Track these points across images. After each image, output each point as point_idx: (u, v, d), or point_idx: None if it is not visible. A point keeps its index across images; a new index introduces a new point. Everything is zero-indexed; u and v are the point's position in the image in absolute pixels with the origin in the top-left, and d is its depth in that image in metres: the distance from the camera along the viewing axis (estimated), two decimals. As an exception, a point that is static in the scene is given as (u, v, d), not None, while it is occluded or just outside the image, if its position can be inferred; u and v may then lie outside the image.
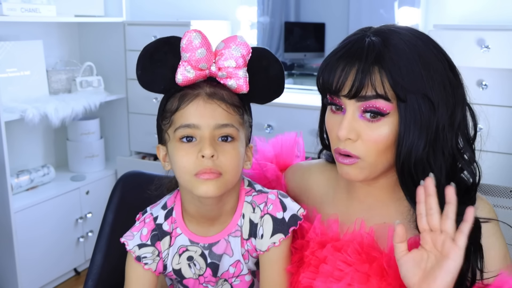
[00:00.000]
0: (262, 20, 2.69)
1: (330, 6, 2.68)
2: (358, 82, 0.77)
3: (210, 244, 0.90)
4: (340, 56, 0.80)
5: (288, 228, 0.88)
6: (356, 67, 0.77)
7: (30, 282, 2.18)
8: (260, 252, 0.89)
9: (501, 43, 1.73)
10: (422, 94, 0.77)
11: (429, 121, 0.78)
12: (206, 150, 0.80)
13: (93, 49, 2.68)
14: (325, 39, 2.74)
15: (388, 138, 0.79)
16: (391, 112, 0.78)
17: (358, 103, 0.78)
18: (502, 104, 1.83)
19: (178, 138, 0.82)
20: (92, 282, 1.09)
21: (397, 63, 0.76)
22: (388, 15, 2.41)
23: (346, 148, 0.81)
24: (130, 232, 0.91)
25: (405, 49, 0.77)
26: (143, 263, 0.89)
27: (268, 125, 2.22)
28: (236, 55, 0.84)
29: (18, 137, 2.40)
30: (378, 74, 0.76)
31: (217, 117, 0.82)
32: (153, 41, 0.86)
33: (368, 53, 0.77)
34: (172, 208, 0.92)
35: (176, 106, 0.83)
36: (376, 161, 0.81)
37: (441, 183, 0.78)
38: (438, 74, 0.78)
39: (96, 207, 2.48)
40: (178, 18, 2.65)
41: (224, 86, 0.85)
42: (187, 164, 0.81)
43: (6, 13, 2.01)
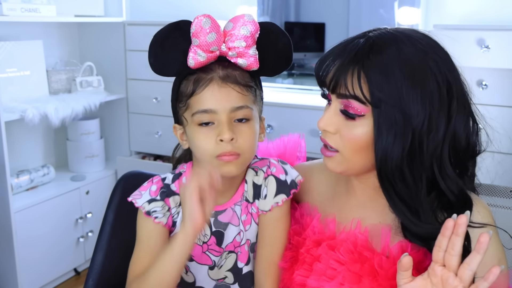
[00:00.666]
0: (262, 20, 2.69)
1: (330, 6, 2.68)
2: (336, 78, 0.80)
3: (216, 212, 0.93)
4: (331, 51, 0.83)
5: (290, 190, 0.93)
6: (338, 62, 0.80)
7: (30, 282, 2.18)
8: (263, 212, 0.93)
9: (501, 43, 1.73)
10: (397, 104, 0.76)
11: (403, 130, 0.77)
12: (225, 135, 0.84)
13: (93, 49, 2.68)
14: (325, 39, 2.74)
15: (362, 139, 0.80)
16: (367, 115, 0.79)
17: (339, 99, 0.81)
18: (502, 104, 1.83)
19: (196, 123, 0.86)
20: (93, 281, 1.09)
21: (377, 70, 0.76)
22: (388, 15, 2.42)
23: (326, 138, 0.84)
24: (138, 191, 0.93)
25: (392, 58, 0.77)
26: (153, 217, 0.90)
27: (268, 125, 2.22)
28: (245, 34, 0.86)
29: (18, 137, 2.40)
30: (356, 75, 0.78)
31: (232, 100, 0.86)
32: (163, 28, 0.88)
33: (350, 52, 0.79)
34: (181, 173, 0.95)
35: (192, 90, 0.86)
36: (352, 157, 0.83)
37: (422, 193, 0.79)
38: (425, 89, 0.77)
39: (96, 207, 2.48)
40: (178, 18, 2.64)
41: (235, 65, 0.88)
42: (208, 147, 0.86)
43: (6, 13, 2.01)
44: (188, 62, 0.87)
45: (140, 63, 2.52)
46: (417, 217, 0.80)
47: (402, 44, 0.78)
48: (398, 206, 0.81)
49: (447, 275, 0.70)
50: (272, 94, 2.47)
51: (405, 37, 0.80)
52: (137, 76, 2.57)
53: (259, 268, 0.94)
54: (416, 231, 0.80)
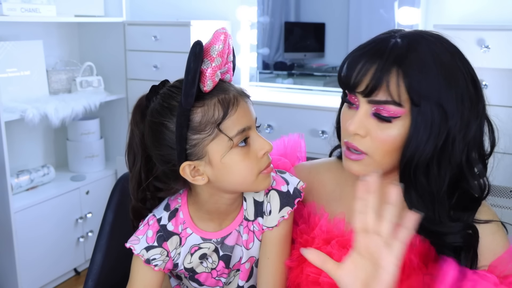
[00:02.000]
0: (262, 20, 2.69)
1: (330, 6, 2.68)
2: (374, 82, 0.77)
3: (222, 238, 0.91)
4: (362, 52, 0.81)
5: (294, 200, 0.90)
6: (376, 65, 0.78)
7: (30, 282, 2.19)
8: (269, 228, 0.90)
9: (501, 43, 1.73)
10: (437, 102, 0.77)
11: (439, 129, 0.78)
12: (268, 146, 0.82)
13: (93, 49, 2.68)
14: (325, 39, 2.73)
15: (396, 140, 0.79)
16: (402, 116, 0.78)
17: (371, 104, 0.79)
18: (502, 104, 1.83)
19: (235, 145, 0.80)
20: (92, 281, 1.09)
21: (417, 68, 0.76)
22: (388, 15, 2.41)
23: (354, 143, 0.82)
24: (135, 236, 0.89)
25: (428, 56, 0.78)
26: (153, 265, 0.88)
27: (268, 125, 2.22)
28: (231, 47, 0.84)
29: (18, 137, 2.40)
30: (395, 76, 0.76)
31: (253, 112, 0.84)
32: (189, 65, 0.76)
33: (390, 52, 0.78)
34: (177, 209, 0.90)
35: (222, 114, 0.78)
36: (382, 160, 0.81)
37: (443, 190, 0.80)
38: (458, 87, 0.78)
39: (96, 207, 2.48)
40: (178, 18, 2.65)
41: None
42: (253, 166, 0.81)
43: (6, 13, 2.01)
44: (205, 86, 0.78)
45: (140, 63, 2.53)
46: (432, 214, 0.81)
47: (432, 44, 0.80)
48: (413, 202, 0.81)
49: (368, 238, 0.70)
50: (272, 94, 2.47)
51: (431, 37, 0.81)
52: (137, 76, 2.57)
53: (263, 282, 0.91)
54: (429, 228, 0.81)
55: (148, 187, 0.89)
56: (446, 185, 0.80)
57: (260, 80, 2.69)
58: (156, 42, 2.45)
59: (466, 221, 0.82)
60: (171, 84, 0.84)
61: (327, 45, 2.74)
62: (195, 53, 0.75)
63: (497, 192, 1.16)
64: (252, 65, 2.65)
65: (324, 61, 2.76)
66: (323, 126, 2.10)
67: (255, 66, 2.67)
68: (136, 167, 0.88)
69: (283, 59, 2.80)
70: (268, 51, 2.76)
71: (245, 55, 2.59)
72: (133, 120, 0.87)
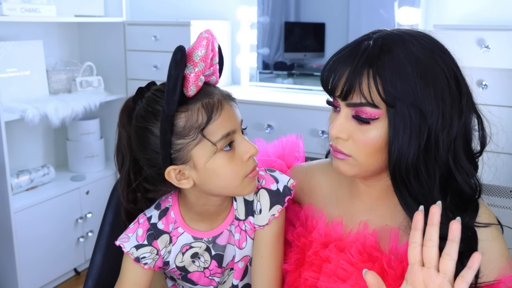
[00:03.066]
0: (262, 20, 2.69)
1: (330, 6, 2.68)
2: (348, 85, 0.78)
3: (214, 237, 0.91)
4: (339, 56, 0.81)
5: (284, 198, 0.90)
6: (349, 68, 0.78)
7: (30, 282, 2.19)
8: (260, 227, 0.90)
9: (501, 43, 1.73)
10: (412, 103, 0.76)
11: (419, 129, 0.77)
12: (253, 149, 0.82)
13: (93, 49, 2.68)
14: (325, 39, 2.73)
15: (377, 141, 0.79)
16: (380, 117, 0.78)
17: (349, 107, 0.80)
18: (502, 104, 1.83)
19: (220, 149, 0.79)
20: (92, 281, 1.09)
21: (389, 69, 0.76)
22: (388, 15, 2.41)
23: (337, 145, 0.82)
24: (125, 234, 0.89)
25: (402, 55, 0.77)
26: (142, 264, 0.88)
27: (268, 125, 2.22)
28: (216, 50, 0.83)
29: (18, 137, 2.40)
30: (367, 78, 0.76)
31: (238, 115, 0.83)
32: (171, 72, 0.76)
33: (362, 55, 0.77)
34: (168, 208, 0.91)
35: (206, 118, 0.78)
36: (366, 161, 0.81)
37: (435, 190, 0.79)
38: (437, 85, 0.77)
39: (96, 207, 2.48)
40: (178, 18, 2.65)
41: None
42: (238, 170, 0.81)
43: (6, 13, 2.02)
44: (188, 90, 0.77)
45: (140, 63, 2.53)
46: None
47: (409, 43, 0.79)
48: (410, 205, 0.80)
49: (429, 272, 0.67)
50: (272, 94, 2.47)
51: (410, 36, 0.80)
52: (137, 76, 2.57)
53: (258, 281, 0.91)
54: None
55: (138, 188, 0.89)
56: (437, 185, 0.79)
57: (260, 80, 2.69)
58: (156, 42, 2.45)
59: (465, 223, 0.79)
60: (156, 87, 0.84)
61: (327, 45, 2.74)
62: (176, 60, 0.75)
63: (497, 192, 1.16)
64: (252, 65, 2.65)
65: (324, 61, 2.76)
66: (323, 126, 2.10)
67: (255, 66, 2.67)
68: (125, 169, 0.88)
69: (283, 59, 2.80)
70: (268, 51, 2.76)
71: (245, 55, 2.59)
72: (120, 122, 0.87)
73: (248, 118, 2.19)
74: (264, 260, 0.90)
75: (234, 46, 2.64)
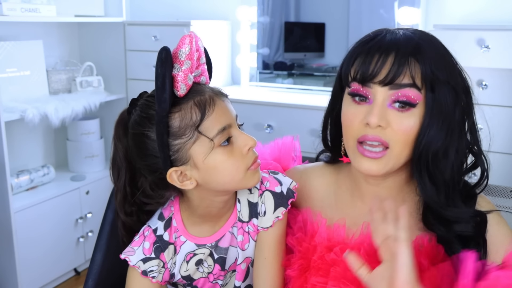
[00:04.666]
0: (262, 20, 2.69)
1: (330, 6, 2.68)
2: (396, 68, 0.78)
3: (216, 241, 0.90)
4: (372, 46, 0.81)
5: (288, 200, 0.90)
6: (393, 55, 0.79)
7: (30, 282, 2.19)
8: (264, 229, 0.90)
9: (501, 43, 1.73)
10: (450, 85, 0.80)
11: (452, 113, 0.80)
12: (252, 142, 0.82)
13: (93, 49, 2.68)
14: (325, 39, 2.73)
15: (414, 130, 0.80)
16: (419, 103, 0.79)
17: (391, 91, 0.79)
18: (502, 104, 1.83)
19: (218, 145, 0.80)
20: (92, 281, 1.09)
21: (432, 55, 0.79)
22: (388, 15, 2.41)
23: (376, 134, 0.80)
24: (131, 247, 0.88)
25: (436, 46, 0.82)
26: (150, 277, 0.87)
27: (268, 125, 2.22)
28: (201, 50, 0.83)
29: (18, 137, 2.40)
30: (414, 64, 0.79)
31: (233, 110, 0.84)
32: (157, 71, 0.77)
33: (406, 44, 0.80)
34: (170, 218, 0.90)
35: (200, 116, 0.78)
36: (401, 152, 0.81)
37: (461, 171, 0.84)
38: (457, 72, 0.83)
39: (96, 207, 2.48)
40: (178, 18, 2.65)
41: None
42: (240, 163, 0.81)
43: (6, 13, 2.02)
44: (179, 90, 0.78)
45: (140, 63, 2.52)
46: (446, 200, 0.82)
47: (430, 36, 0.84)
48: (428, 189, 0.82)
49: (389, 243, 0.73)
50: (272, 94, 2.47)
51: (425, 33, 0.86)
52: (137, 76, 2.57)
53: (261, 282, 0.91)
54: (442, 214, 0.82)
55: (135, 202, 0.90)
56: (456, 173, 0.82)
57: (260, 80, 2.69)
58: (156, 42, 2.44)
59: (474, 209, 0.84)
60: (148, 94, 0.85)
61: (327, 45, 2.74)
62: (161, 58, 0.76)
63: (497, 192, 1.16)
64: (252, 65, 2.65)
65: (324, 61, 2.76)
66: (323, 126, 2.10)
67: (255, 66, 2.67)
68: (121, 181, 0.90)
69: (283, 59, 2.80)
70: (268, 51, 2.76)
71: (245, 55, 2.59)
72: (115, 135, 0.88)
73: (248, 118, 2.19)
74: (267, 261, 0.90)
75: (234, 46, 2.64)
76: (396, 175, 0.86)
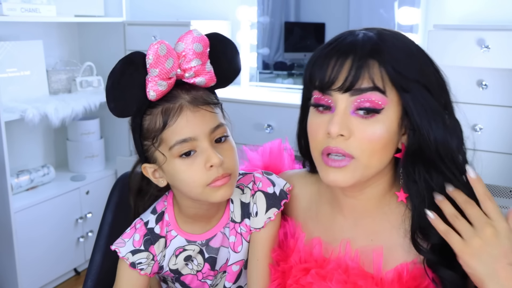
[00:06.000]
0: (262, 20, 2.69)
1: (330, 6, 2.68)
2: (354, 73, 0.73)
3: (207, 240, 0.91)
4: (330, 50, 0.77)
5: (280, 201, 0.90)
6: (351, 59, 0.74)
7: (30, 282, 2.18)
8: (256, 230, 0.90)
9: (501, 43, 1.73)
10: (422, 84, 0.75)
11: (436, 107, 0.76)
12: (214, 159, 0.79)
13: (93, 49, 2.68)
14: (325, 39, 2.73)
15: (383, 137, 0.75)
16: (386, 108, 0.74)
17: (352, 97, 0.74)
18: (502, 104, 1.82)
19: (176, 156, 0.80)
20: (92, 282, 1.09)
21: (395, 56, 0.74)
22: (388, 15, 2.41)
23: (338, 145, 0.75)
24: (121, 239, 0.89)
25: (399, 44, 0.76)
26: (138, 269, 0.88)
27: (268, 125, 2.21)
28: (199, 51, 0.82)
29: (18, 137, 2.40)
30: (375, 67, 0.74)
31: (208, 122, 0.81)
32: (116, 66, 0.79)
33: (364, 45, 0.75)
34: (163, 212, 0.91)
35: (162, 123, 0.79)
36: (370, 161, 0.76)
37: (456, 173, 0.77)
38: (431, 73, 0.78)
39: (96, 207, 2.48)
40: (178, 18, 2.65)
41: (194, 85, 0.84)
42: (196, 178, 0.80)
43: (6, 13, 2.01)
44: (148, 95, 0.79)
45: (140, 63, 2.52)
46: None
47: (389, 32, 0.79)
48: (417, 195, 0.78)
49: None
50: (272, 94, 2.47)
51: (385, 29, 0.80)
52: (137, 76, 2.56)
53: (254, 284, 0.91)
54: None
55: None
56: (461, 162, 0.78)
57: (260, 80, 2.69)
58: (156, 42, 2.44)
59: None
60: None
61: (327, 45, 2.74)
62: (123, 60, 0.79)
63: (497, 192, 1.16)
64: (252, 65, 2.65)
65: (324, 61, 2.76)
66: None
67: (255, 66, 2.67)
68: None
69: (283, 59, 2.80)
70: (268, 51, 2.76)
71: (245, 55, 2.59)
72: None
73: (248, 118, 2.19)
74: (260, 263, 0.90)
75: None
76: (373, 186, 0.82)
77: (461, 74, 1.84)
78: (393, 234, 0.82)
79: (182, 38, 0.83)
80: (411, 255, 0.80)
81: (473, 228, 0.71)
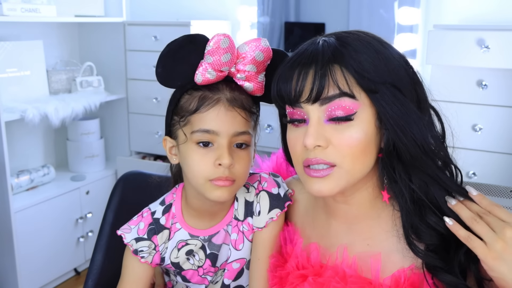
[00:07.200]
0: (262, 20, 2.69)
1: (330, 6, 2.68)
2: (318, 82, 0.73)
3: (210, 236, 0.92)
4: (293, 63, 0.76)
5: (284, 202, 0.90)
6: (313, 68, 0.74)
7: (30, 282, 2.19)
8: (258, 229, 0.90)
9: (501, 43, 1.73)
10: (390, 83, 0.73)
11: (408, 105, 0.74)
12: (225, 160, 0.81)
13: (93, 49, 2.68)
14: (325, 39, 2.73)
15: (361, 141, 0.74)
16: (359, 111, 0.73)
17: (323, 106, 0.74)
18: (502, 104, 1.83)
19: (195, 141, 0.83)
20: (92, 282, 1.09)
21: (358, 59, 0.73)
22: (388, 15, 2.41)
23: (317, 156, 0.74)
24: (127, 225, 0.92)
25: (361, 46, 0.75)
26: (139, 257, 0.90)
27: (268, 125, 2.22)
28: (258, 60, 0.84)
29: (18, 137, 2.40)
30: (339, 72, 0.73)
31: (236, 124, 0.83)
32: (178, 39, 0.84)
33: (324, 52, 0.74)
34: (171, 204, 0.93)
35: (195, 107, 0.82)
36: (352, 167, 0.75)
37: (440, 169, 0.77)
38: (400, 69, 0.76)
39: (96, 207, 2.48)
40: (178, 18, 2.65)
41: (241, 88, 0.86)
42: (202, 170, 0.82)
43: (6, 13, 2.02)
44: (195, 77, 0.83)
45: (140, 63, 2.52)
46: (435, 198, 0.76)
47: (352, 34, 0.77)
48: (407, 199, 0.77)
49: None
50: (272, 94, 2.46)
51: (348, 32, 0.79)
52: (137, 76, 2.57)
53: (255, 283, 0.91)
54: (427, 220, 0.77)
55: None
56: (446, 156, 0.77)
57: (260, 80, 2.69)
58: (156, 42, 2.45)
59: None
60: None
61: (327, 45, 2.74)
62: (188, 36, 0.84)
63: (497, 192, 1.16)
64: (252, 65, 2.64)
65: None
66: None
67: (255, 66, 2.67)
68: None
69: (283, 59, 2.80)
70: (268, 51, 2.76)
71: (245, 55, 2.59)
72: None
73: (248, 118, 2.19)
74: (262, 262, 0.90)
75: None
76: (362, 189, 0.81)
77: (461, 74, 1.84)
78: (389, 238, 0.82)
79: (249, 42, 0.85)
80: (408, 260, 0.79)
81: (494, 232, 0.71)
